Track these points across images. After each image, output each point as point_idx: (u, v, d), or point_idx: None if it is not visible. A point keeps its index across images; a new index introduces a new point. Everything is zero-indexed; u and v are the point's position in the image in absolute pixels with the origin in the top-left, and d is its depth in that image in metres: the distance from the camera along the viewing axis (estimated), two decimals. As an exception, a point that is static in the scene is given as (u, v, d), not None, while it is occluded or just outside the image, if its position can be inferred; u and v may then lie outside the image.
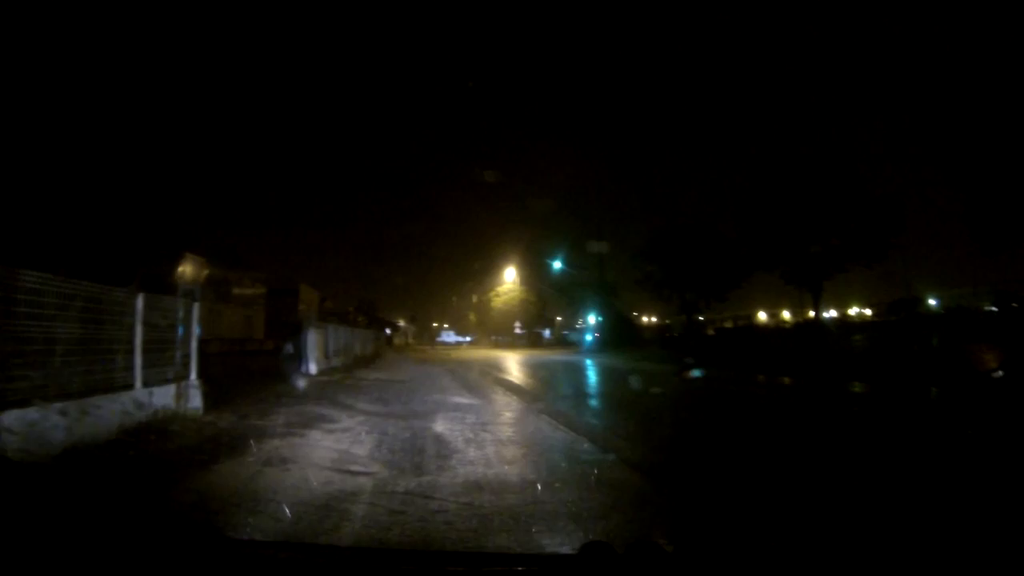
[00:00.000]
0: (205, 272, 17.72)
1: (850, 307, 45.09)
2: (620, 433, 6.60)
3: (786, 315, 46.73)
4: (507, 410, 8.62)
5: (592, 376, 17.24)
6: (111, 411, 5.73)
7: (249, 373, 12.67)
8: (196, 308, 7.85)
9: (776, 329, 35.26)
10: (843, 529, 3.22)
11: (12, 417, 4.46)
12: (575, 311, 47.07)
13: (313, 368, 15.46)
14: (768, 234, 24.22)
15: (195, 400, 7.49)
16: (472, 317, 68.91)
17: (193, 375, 7.59)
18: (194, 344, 7.70)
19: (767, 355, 18.55)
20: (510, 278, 58.00)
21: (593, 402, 10.91)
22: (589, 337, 36.23)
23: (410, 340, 60.47)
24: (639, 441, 6.06)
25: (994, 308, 22.49)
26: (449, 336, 65.05)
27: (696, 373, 14.47)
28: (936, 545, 2.77)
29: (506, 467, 4.89)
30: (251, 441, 5.82)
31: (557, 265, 38.86)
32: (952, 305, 26.00)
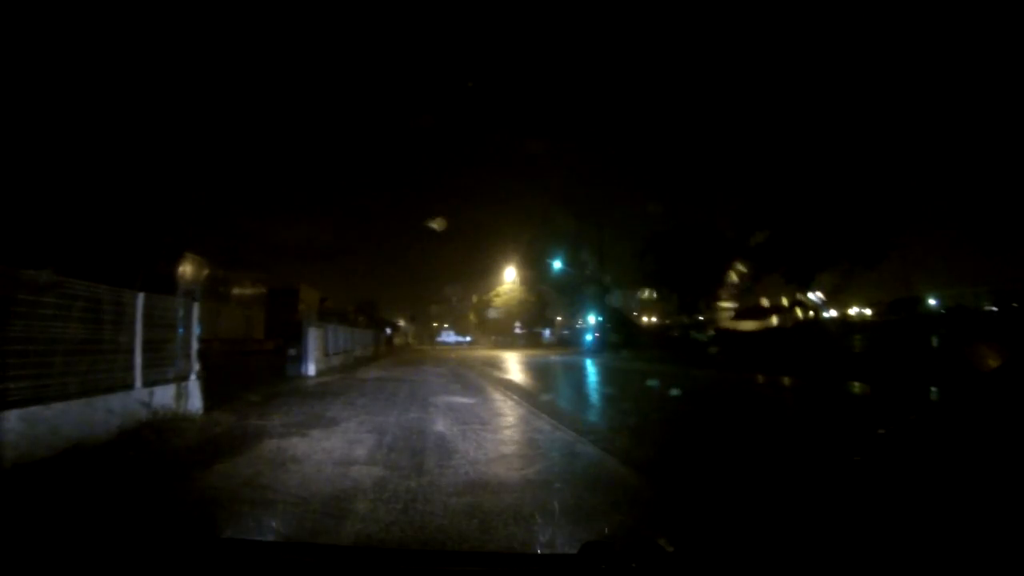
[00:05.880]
0: (205, 272, 17.71)
1: (850, 307, 45.06)
2: (620, 433, 6.59)
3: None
4: (507, 410, 8.62)
5: (592, 376, 17.24)
6: (111, 411, 5.74)
7: (249, 373, 12.69)
8: (196, 308, 7.86)
9: (776, 329, 35.20)
10: (843, 529, 3.22)
11: (13, 417, 4.46)
12: (575, 311, 47.00)
13: (313, 368, 15.48)
14: (768, 234, 24.23)
15: (195, 400, 7.49)
16: (472, 317, 68.95)
17: (193, 375, 7.60)
18: (194, 344, 7.71)
19: (767, 355, 18.54)
20: (510, 278, 58.08)
21: (593, 402, 10.91)
22: (589, 337, 36.19)
23: (410, 340, 60.47)
24: (640, 441, 6.06)
25: (994, 308, 22.49)
26: (449, 336, 65.04)
27: None
28: (934, 546, 2.77)
29: (506, 467, 4.90)
30: (251, 441, 5.83)
31: (557, 265, 38.82)
32: (952, 305, 25.98)
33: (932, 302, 28.94)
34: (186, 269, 16.45)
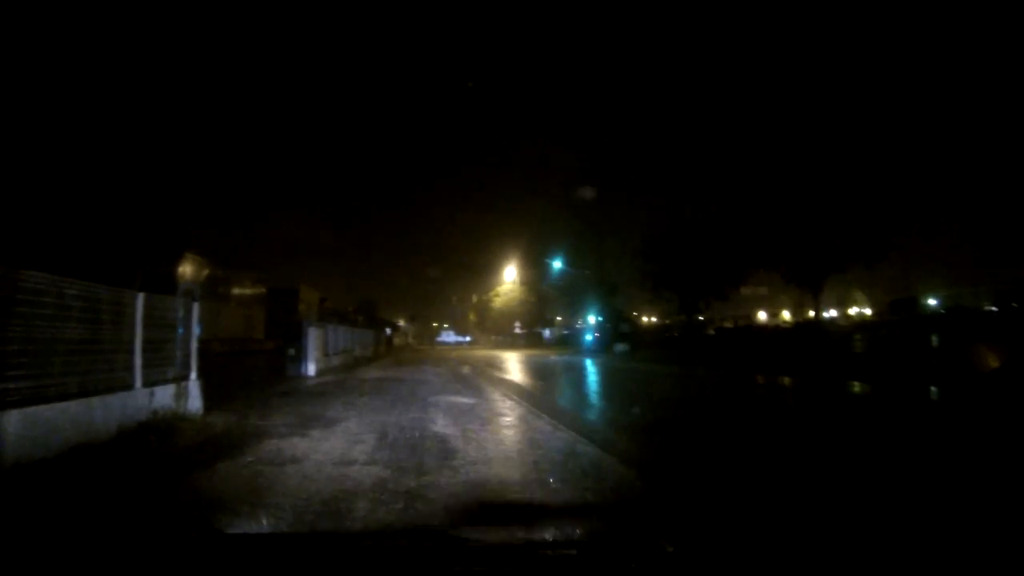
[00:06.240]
0: (205, 272, 17.71)
1: (850, 307, 45.11)
2: (620, 433, 6.60)
3: (786, 315, 46.75)
4: (507, 410, 8.61)
5: (592, 376, 17.24)
6: (111, 411, 5.73)
7: (249, 373, 12.67)
8: (196, 308, 7.86)
9: (776, 329, 35.22)
10: (841, 529, 3.22)
11: (12, 417, 4.46)
12: (575, 311, 47.01)
13: (313, 368, 15.48)
14: (768, 234, 24.23)
15: (195, 400, 7.49)
16: (472, 317, 68.99)
17: (193, 375, 7.59)
18: (194, 344, 7.70)
19: (767, 355, 18.54)
20: (510, 278, 58.11)
21: (593, 402, 10.91)
22: (589, 337, 36.18)
23: (410, 340, 60.45)
24: (639, 441, 6.06)
25: (994, 308, 22.48)
26: (448, 336, 64.95)
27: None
28: (933, 545, 2.77)
29: (506, 467, 4.90)
30: (251, 441, 5.83)
31: (557, 265, 38.82)
32: (952, 305, 25.99)
33: (932, 302, 28.95)
34: (186, 269, 16.45)
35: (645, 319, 54.08)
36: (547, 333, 55.98)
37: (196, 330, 7.78)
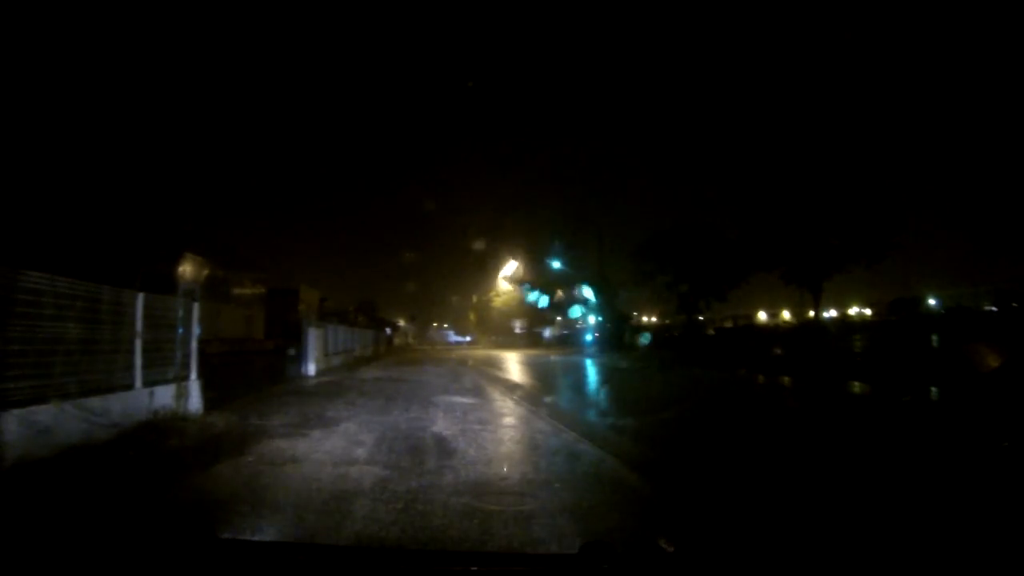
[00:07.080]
0: (205, 272, 17.68)
1: (850, 307, 45.04)
2: (621, 433, 6.60)
3: (786, 315, 46.70)
4: (507, 410, 8.61)
5: (592, 376, 17.23)
6: (111, 411, 5.73)
7: (249, 373, 12.65)
8: (196, 308, 7.85)
9: (776, 329, 35.19)
10: (841, 529, 3.22)
11: (12, 417, 4.46)
12: (575, 311, 46.95)
13: (313, 368, 15.48)
14: (768, 234, 24.23)
15: (195, 400, 7.49)
16: (472, 317, 69.01)
17: (193, 375, 7.59)
18: (194, 344, 7.70)
19: (767, 355, 18.52)
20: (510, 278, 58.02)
21: (593, 402, 10.91)
22: (589, 337, 36.17)
23: (410, 340, 60.44)
24: (640, 441, 6.06)
25: (994, 308, 22.48)
26: (449, 335, 65.09)
27: None
28: (933, 545, 2.77)
29: (506, 467, 4.90)
30: (251, 441, 5.83)
31: (556, 265, 38.81)
32: (952, 305, 25.97)
33: (932, 302, 28.94)
34: (186, 269, 16.44)
35: (645, 319, 54.04)
36: (547, 333, 55.95)
37: (196, 330, 7.78)
